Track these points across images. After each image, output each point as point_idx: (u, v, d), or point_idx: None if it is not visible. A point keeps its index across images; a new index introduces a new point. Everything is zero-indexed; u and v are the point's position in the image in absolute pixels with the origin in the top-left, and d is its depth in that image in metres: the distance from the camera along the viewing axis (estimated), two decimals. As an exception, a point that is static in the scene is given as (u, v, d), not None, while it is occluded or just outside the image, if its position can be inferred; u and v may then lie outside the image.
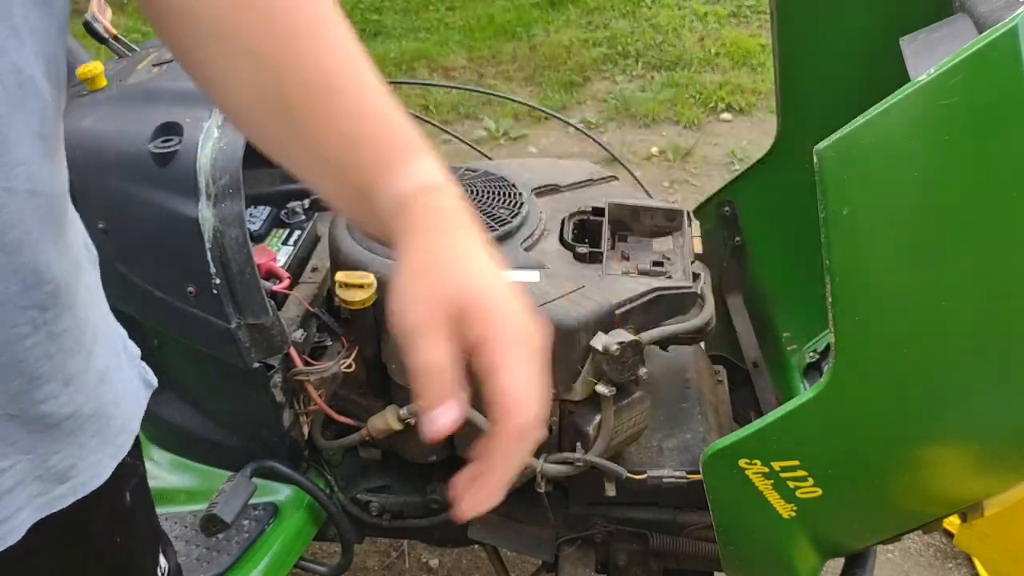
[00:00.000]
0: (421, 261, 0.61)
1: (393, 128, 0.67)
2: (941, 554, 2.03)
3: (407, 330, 0.59)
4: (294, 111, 0.66)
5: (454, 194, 0.65)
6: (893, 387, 1.00)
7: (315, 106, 0.66)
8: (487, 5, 4.88)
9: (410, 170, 0.65)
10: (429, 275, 0.61)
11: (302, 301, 1.39)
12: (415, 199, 0.64)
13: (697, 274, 1.32)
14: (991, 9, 0.93)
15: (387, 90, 0.68)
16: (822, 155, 0.87)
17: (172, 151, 1.19)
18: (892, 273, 0.93)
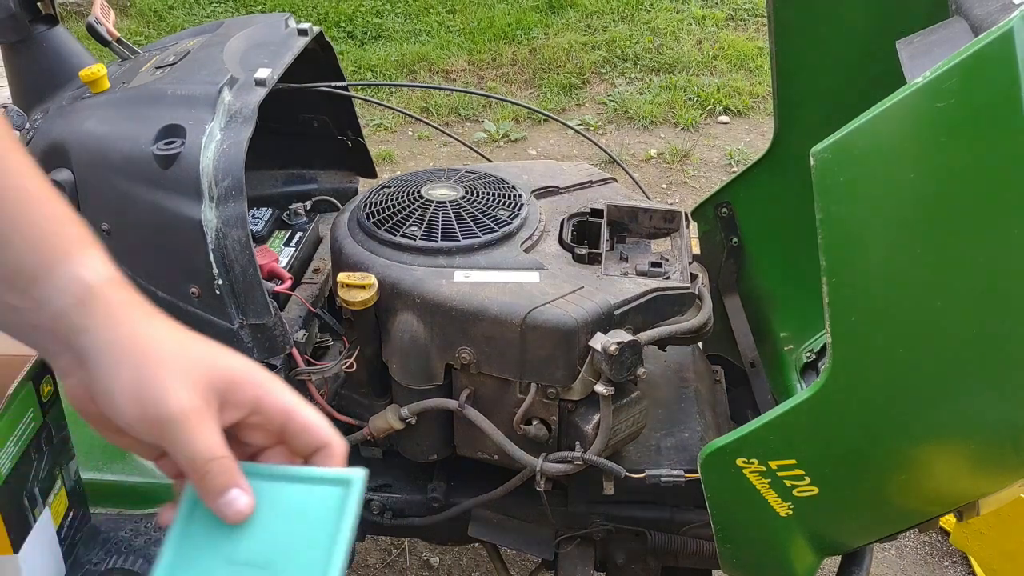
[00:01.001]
0: (154, 350, 0.56)
1: (63, 216, 0.60)
2: (937, 552, 2.04)
3: (172, 421, 0.55)
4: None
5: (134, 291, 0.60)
6: (889, 387, 1.00)
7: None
8: (487, 9, 4.89)
9: (88, 260, 0.58)
10: (178, 361, 0.56)
11: (304, 302, 1.39)
12: (105, 289, 0.58)
13: (695, 275, 1.33)
14: (987, 12, 0.94)
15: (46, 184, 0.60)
16: (818, 157, 0.88)
17: (175, 153, 1.20)
18: (888, 274, 0.94)
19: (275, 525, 0.58)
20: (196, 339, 0.59)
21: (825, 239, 0.91)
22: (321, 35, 1.51)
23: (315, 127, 1.66)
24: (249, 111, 1.24)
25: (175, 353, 0.57)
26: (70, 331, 0.57)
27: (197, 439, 0.55)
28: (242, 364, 0.59)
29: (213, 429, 0.56)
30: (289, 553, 0.57)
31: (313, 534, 0.57)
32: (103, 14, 1.43)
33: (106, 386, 0.56)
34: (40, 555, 1.21)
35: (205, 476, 0.56)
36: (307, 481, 0.59)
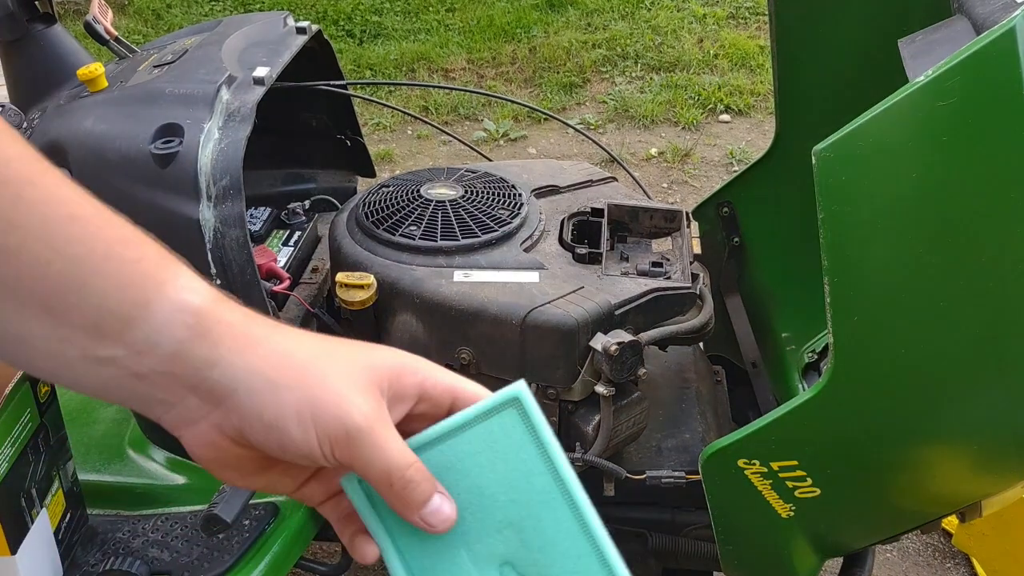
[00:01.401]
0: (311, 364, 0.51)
1: (135, 238, 0.50)
2: (939, 554, 2.04)
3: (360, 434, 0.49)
4: None
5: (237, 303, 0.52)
6: (891, 387, 1.00)
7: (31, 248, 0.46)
8: (487, 7, 4.88)
9: (186, 281, 0.50)
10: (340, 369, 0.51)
11: (302, 301, 1.39)
12: (218, 311, 0.50)
13: (696, 275, 1.32)
14: (989, 11, 0.93)
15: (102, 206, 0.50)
16: (820, 156, 0.88)
17: (173, 152, 1.19)
18: (890, 274, 0.93)
19: (482, 483, 0.53)
20: (337, 342, 0.54)
21: (827, 238, 0.91)
22: (320, 33, 1.51)
23: (314, 126, 1.66)
24: (247, 110, 1.24)
25: (332, 362, 0.51)
26: (195, 368, 0.49)
27: (390, 447, 0.50)
28: (394, 356, 0.54)
29: (397, 433, 0.51)
30: (517, 499, 0.53)
31: (522, 466, 0.53)
32: (101, 12, 1.42)
33: (266, 416, 0.49)
34: (38, 556, 1.21)
35: (407, 486, 0.51)
36: (476, 422, 0.53)
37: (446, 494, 0.53)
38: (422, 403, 0.54)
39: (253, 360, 0.50)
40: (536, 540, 0.53)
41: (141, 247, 0.50)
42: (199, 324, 0.49)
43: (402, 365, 0.53)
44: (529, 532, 0.53)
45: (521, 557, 0.53)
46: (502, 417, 0.54)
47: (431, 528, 0.52)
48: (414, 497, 0.51)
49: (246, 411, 0.50)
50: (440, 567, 0.53)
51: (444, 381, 0.55)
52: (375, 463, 0.50)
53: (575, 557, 0.53)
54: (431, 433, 0.53)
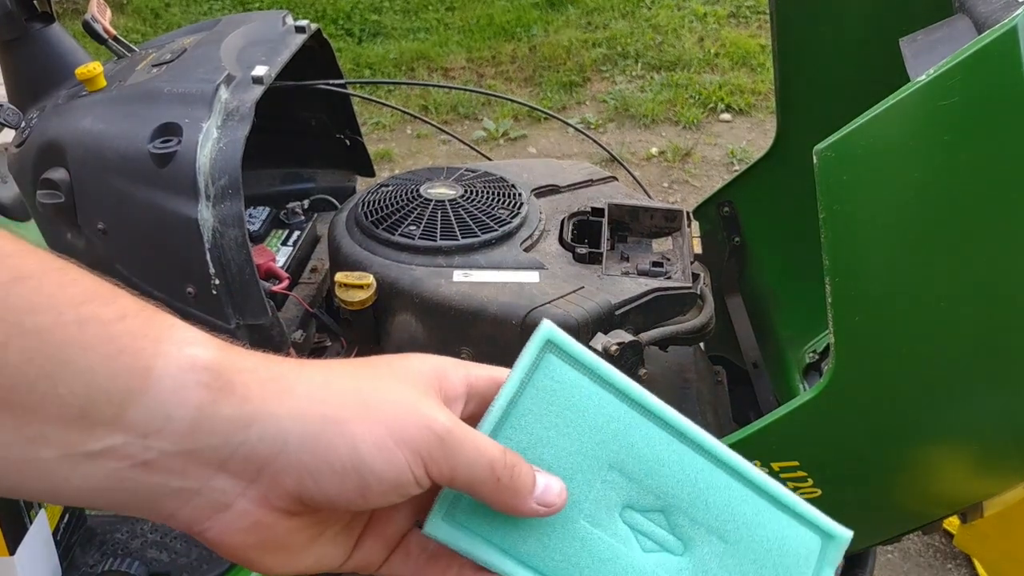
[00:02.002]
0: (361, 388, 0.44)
1: (110, 294, 0.40)
2: (941, 555, 2.03)
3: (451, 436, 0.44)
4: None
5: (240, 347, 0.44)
6: (893, 388, 1.00)
7: None
8: (487, 6, 4.88)
9: (182, 334, 0.42)
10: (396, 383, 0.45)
11: (301, 301, 1.39)
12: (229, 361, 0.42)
13: (697, 274, 1.32)
14: (991, 10, 0.93)
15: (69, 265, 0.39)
16: (821, 155, 0.87)
17: (171, 152, 1.19)
18: (892, 273, 0.93)
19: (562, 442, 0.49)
20: (369, 361, 0.47)
21: (828, 238, 0.90)
22: (319, 32, 1.50)
23: (313, 125, 1.66)
24: (246, 109, 1.23)
25: (382, 379, 0.45)
26: (225, 437, 0.40)
27: (482, 441, 0.45)
28: (431, 360, 0.48)
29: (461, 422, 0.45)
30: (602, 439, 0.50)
31: (590, 404, 0.50)
32: (99, 12, 1.42)
33: (336, 460, 0.41)
34: (36, 557, 1.21)
35: (513, 473, 0.45)
36: (524, 387, 0.50)
37: (541, 470, 0.48)
38: (471, 402, 0.49)
39: (297, 404, 0.41)
40: (637, 468, 0.50)
41: (117, 301, 0.40)
42: (217, 380, 0.40)
43: (443, 366, 0.49)
44: (629, 464, 0.50)
45: (634, 492, 0.50)
46: (546, 367, 0.51)
47: (550, 509, 0.47)
48: (524, 482, 0.46)
49: (306, 465, 0.41)
50: (571, 552, 0.49)
51: (486, 373, 0.51)
52: (477, 461, 0.44)
53: (678, 464, 0.51)
54: (491, 419, 0.49)
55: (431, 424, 0.43)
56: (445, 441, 0.43)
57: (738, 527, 0.51)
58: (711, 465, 0.52)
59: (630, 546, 0.50)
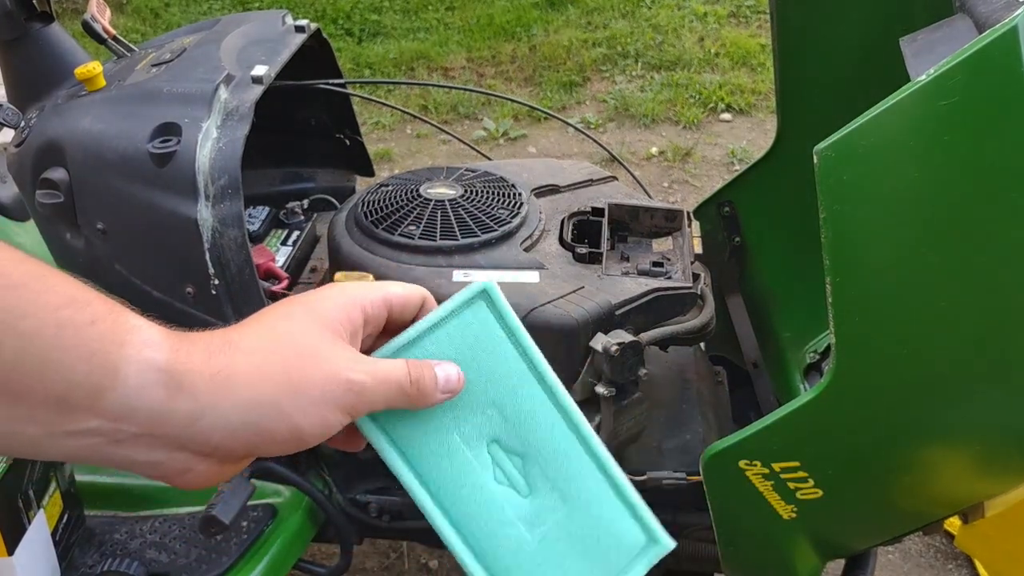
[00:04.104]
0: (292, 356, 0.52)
1: (85, 299, 0.48)
2: (942, 555, 2.03)
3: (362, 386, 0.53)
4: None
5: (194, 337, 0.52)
6: (894, 388, 0.99)
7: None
8: (487, 5, 4.88)
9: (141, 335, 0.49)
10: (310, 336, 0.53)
11: (301, 302, 1.38)
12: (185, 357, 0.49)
13: (697, 274, 1.32)
14: (991, 10, 0.93)
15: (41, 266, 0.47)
16: (822, 155, 0.87)
17: (171, 151, 1.19)
18: (892, 274, 0.93)
19: (463, 371, 0.58)
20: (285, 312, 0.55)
21: (828, 238, 0.90)
22: (319, 32, 1.50)
23: (312, 125, 1.66)
24: (246, 109, 1.23)
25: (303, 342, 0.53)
26: (181, 427, 0.49)
27: (391, 375, 0.54)
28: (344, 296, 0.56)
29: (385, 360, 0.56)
30: (496, 382, 0.59)
31: (497, 353, 0.59)
32: (99, 11, 1.42)
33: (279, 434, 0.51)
34: (35, 558, 1.20)
35: (419, 383, 0.56)
36: (451, 317, 0.59)
37: (444, 364, 0.58)
38: (392, 313, 0.58)
39: (238, 395, 0.50)
40: (515, 415, 0.59)
41: (89, 306, 0.47)
42: (171, 380, 0.48)
43: (355, 301, 0.56)
44: (509, 409, 0.59)
45: (504, 432, 0.59)
46: (474, 310, 0.59)
47: (453, 393, 0.57)
48: (428, 384, 0.56)
49: (252, 441, 0.51)
50: (440, 455, 0.59)
51: (403, 291, 0.59)
52: (389, 392, 0.54)
53: (549, 426, 0.60)
54: (412, 333, 0.58)
55: (350, 386, 0.52)
56: (363, 394, 0.53)
57: (580, 496, 0.60)
58: (576, 442, 0.61)
59: (486, 471, 0.59)
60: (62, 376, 0.45)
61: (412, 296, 0.59)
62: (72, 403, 0.46)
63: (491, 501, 0.59)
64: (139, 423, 0.48)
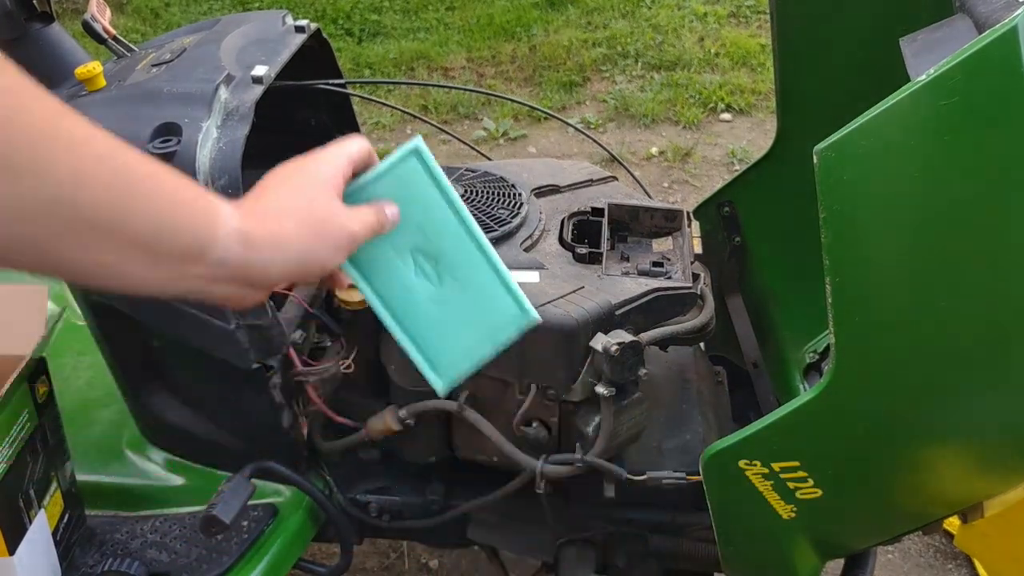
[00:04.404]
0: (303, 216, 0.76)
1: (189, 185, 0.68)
2: (941, 555, 2.03)
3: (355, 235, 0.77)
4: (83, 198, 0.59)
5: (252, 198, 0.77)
6: (893, 388, 1.00)
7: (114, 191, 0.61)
8: (487, 5, 4.88)
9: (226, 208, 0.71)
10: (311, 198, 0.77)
11: (301, 302, 1.38)
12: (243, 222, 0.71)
13: (697, 274, 1.32)
14: (991, 10, 0.93)
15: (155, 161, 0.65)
16: (822, 155, 0.87)
17: (171, 151, 1.19)
18: (892, 274, 0.93)
19: (400, 208, 0.82)
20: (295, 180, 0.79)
21: (828, 238, 0.90)
22: (319, 32, 1.50)
23: (313, 125, 1.65)
24: (246, 109, 1.23)
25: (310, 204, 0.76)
26: (252, 270, 0.71)
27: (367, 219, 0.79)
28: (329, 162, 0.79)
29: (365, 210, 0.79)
30: (423, 215, 0.82)
31: (426, 197, 0.82)
32: (99, 11, 1.42)
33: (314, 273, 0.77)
34: (36, 557, 1.21)
35: (381, 222, 0.79)
36: (391, 169, 0.82)
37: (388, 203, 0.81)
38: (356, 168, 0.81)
39: (288, 250, 0.73)
40: (432, 232, 0.82)
41: (191, 188, 0.68)
42: (246, 240, 0.70)
43: (337, 167, 0.78)
44: (428, 228, 0.82)
45: (424, 244, 0.83)
46: (407, 164, 0.82)
47: (395, 225, 0.81)
48: (385, 221, 0.80)
49: (296, 277, 0.77)
50: (382, 265, 0.83)
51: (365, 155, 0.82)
52: (367, 234, 0.78)
53: (456, 237, 0.82)
54: (364, 180, 0.81)
55: (352, 235, 0.77)
56: (355, 239, 0.77)
57: (473, 284, 0.83)
58: (475, 248, 0.83)
59: (407, 268, 0.83)
60: (184, 238, 0.66)
61: (369, 155, 0.82)
62: (188, 256, 0.67)
63: (412, 290, 0.84)
64: (227, 270, 0.70)
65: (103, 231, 0.61)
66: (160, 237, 0.65)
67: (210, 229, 0.68)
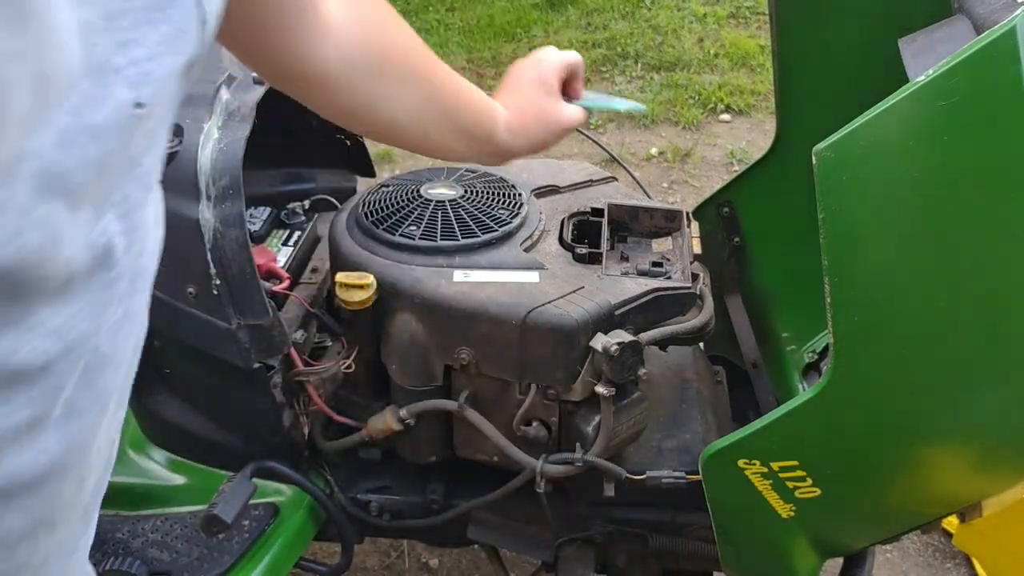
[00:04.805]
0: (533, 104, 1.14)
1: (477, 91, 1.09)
2: (940, 554, 2.04)
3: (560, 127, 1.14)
4: (441, 102, 1.02)
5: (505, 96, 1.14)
6: (892, 387, 1.00)
7: (453, 93, 1.04)
8: (487, 6, 4.88)
9: (499, 110, 1.11)
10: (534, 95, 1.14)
11: (302, 302, 1.39)
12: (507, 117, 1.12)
13: (696, 275, 1.32)
14: (990, 10, 0.93)
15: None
16: (821, 156, 0.87)
17: (172, 152, 1.19)
18: (891, 274, 0.93)
19: None
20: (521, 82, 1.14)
21: (827, 238, 0.91)
22: (320, 33, 1.50)
23: (313, 126, 1.66)
24: (247, 110, 1.24)
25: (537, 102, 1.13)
26: (511, 154, 1.14)
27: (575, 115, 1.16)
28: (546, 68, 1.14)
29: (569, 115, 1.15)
30: None
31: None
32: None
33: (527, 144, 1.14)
34: (36, 557, 1.20)
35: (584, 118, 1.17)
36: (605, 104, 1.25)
37: None
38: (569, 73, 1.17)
39: (531, 136, 1.13)
40: None
41: (479, 92, 1.08)
42: (509, 131, 1.11)
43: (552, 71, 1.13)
44: None
45: None
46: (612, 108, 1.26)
47: None
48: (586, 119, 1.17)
49: (534, 150, 1.16)
50: None
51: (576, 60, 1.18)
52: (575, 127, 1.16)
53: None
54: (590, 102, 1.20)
55: (568, 127, 1.15)
56: (568, 130, 1.15)
57: None
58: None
59: None
60: (483, 128, 1.08)
61: (580, 66, 1.17)
62: (484, 140, 1.09)
63: None
64: (498, 148, 1.11)
65: (449, 121, 1.03)
66: (474, 127, 1.06)
67: (495, 123, 1.08)
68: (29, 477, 0.50)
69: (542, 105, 1.11)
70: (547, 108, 1.11)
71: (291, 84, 0.88)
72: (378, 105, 0.95)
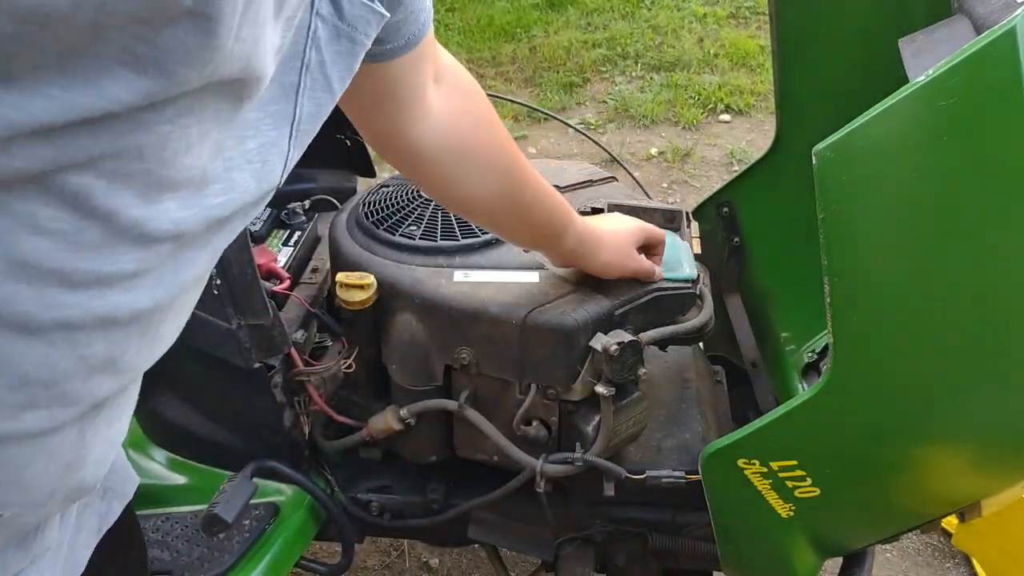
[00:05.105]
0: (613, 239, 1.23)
1: (559, 199, 1.16)
2: (939, 553, 2.04)
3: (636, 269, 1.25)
4: (519, 197, 1.10)
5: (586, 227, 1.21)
6: (891, 387, 1.00)
7: (531, 193, 1.11)
8: (487, 7, 4.88)
9: (574, 221, 1.18)
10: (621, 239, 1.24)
11: (302, 302, 1.39)
12: (581, 233, 1.19)
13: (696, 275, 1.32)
14: (989, 11, 0.93)
15: None
16: (820, 156, 0.88)
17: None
18: (890, 274, 0.93)
19: None
20: (606, 225, 1.24)
21: (827, 238, 0.91)
22: (320, 33, 1.51)
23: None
24: (247, 110, 1.23)
25: (616, 239, 1.23)
26: (581, 258, 1.22)
27: (645, 266, 1.25)
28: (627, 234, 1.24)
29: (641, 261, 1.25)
30: None
31: None
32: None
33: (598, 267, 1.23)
34: (37, 557, 1.21)
35: (648, 270, 1.25)
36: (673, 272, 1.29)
37: None
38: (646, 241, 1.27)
39: (602, 256, 1.22)
40: None
41: (563, 202, 1.16)
42: (579, 240, 1.18)
43: (637, 232, 1.25)
44: None
45: None
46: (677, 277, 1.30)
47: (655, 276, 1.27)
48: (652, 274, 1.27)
49: (604, 272, 1.24)
50: None
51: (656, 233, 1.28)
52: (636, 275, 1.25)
53: None
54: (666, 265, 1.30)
55: (631, 272, 1.25)
56: (631, 274, 1.25)
57: None
58: None
59: None
60: (552, 226, 1.16)
61: (658, 241, 1.28)
62: (556, 238, 1.17)
63: None
64: (567, 252, 1.20)
65: (522, 214, 1.13)
66: (544, 225, 1.15)
67: (565, 228, 1.16)
68: (126, 314, 0.63)
69: (621, 239, 1.21)
70: (624, 243, 1.22)
71: (387, 151, 1.04)
72: (458, 185, 1.07)
